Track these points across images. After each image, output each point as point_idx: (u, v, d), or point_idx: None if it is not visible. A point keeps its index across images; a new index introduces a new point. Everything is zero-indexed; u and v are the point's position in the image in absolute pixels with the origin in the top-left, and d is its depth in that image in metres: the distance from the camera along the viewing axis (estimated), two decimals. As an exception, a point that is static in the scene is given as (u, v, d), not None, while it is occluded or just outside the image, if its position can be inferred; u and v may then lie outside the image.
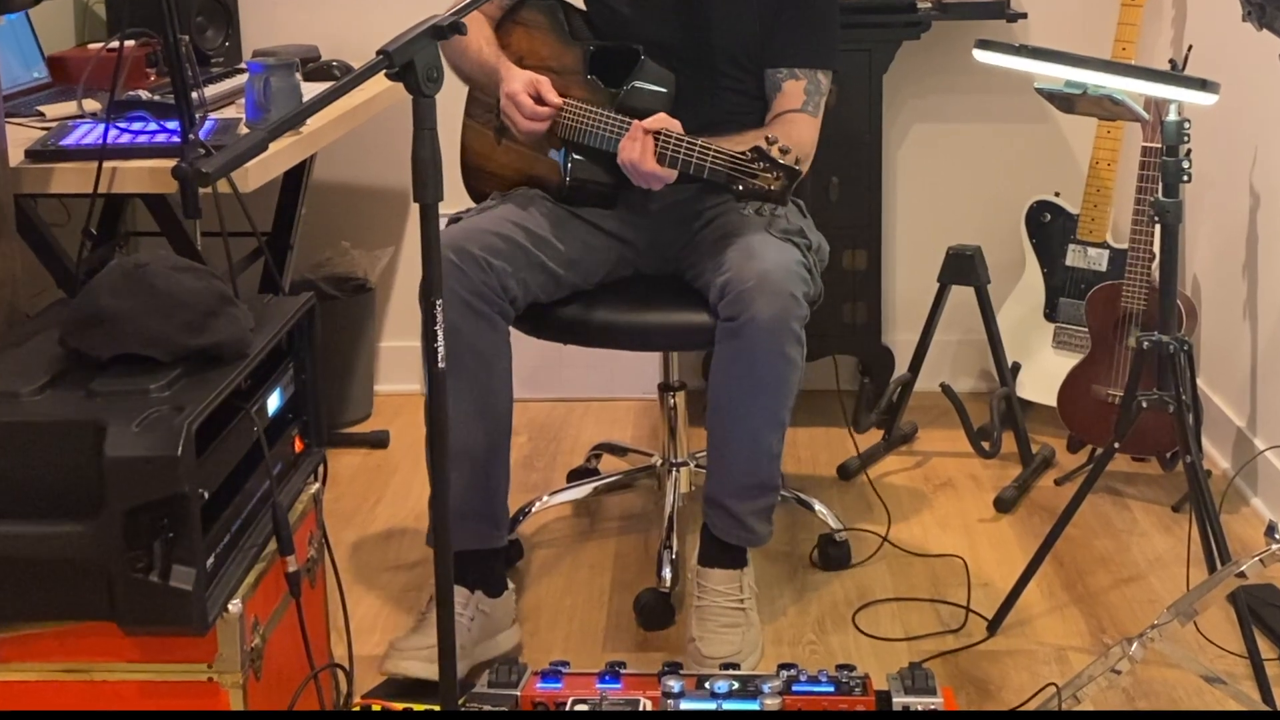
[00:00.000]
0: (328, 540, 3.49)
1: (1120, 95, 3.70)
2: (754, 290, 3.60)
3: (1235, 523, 4.45)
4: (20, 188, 3.56)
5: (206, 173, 2.40)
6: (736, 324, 3.62)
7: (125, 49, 3.66)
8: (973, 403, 5.30)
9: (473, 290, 3.68)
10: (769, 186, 3.46)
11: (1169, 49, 5.26)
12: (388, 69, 2.50)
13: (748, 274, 3.63)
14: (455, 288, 3.65)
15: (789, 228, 3.88)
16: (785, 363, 3.66)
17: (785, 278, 3.64)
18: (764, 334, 3.61)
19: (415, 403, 5.59)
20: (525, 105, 3.87)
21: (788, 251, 3.75)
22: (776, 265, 3.66)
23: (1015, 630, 3.91)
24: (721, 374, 3.73)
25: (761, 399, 3.70)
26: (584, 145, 3.92)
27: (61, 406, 2.78)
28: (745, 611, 3.80)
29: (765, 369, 3.66)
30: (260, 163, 3.63)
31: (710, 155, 3.54)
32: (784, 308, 3.61)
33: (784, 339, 3.63)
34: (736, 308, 3.62)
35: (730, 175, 3.50)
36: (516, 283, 3.75)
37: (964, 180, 5.59)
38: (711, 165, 3.54)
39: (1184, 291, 4.99)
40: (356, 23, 5.48)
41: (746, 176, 3.47)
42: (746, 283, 3.62)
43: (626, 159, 3.67)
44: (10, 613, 2.79)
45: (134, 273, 2.99)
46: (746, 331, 3.61)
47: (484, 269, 3.69)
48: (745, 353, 3.65)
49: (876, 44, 5.08)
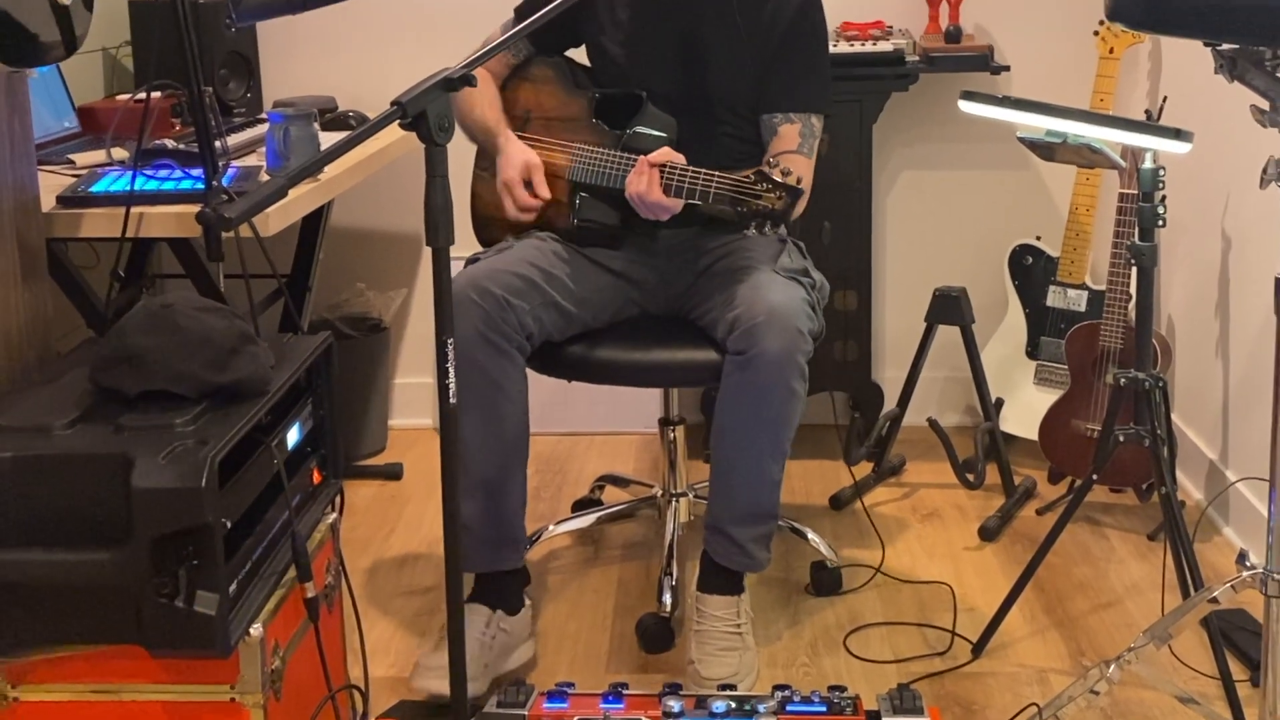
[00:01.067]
0: (344, 567, 3.49)
1: (1098, 144, 3.71)
2: (764, 325, 3.62)
3: (1208, 551, 4.44)
4: (52, 232, 3.56)
5: (229, 218, 2.41)
6: (746, 357, 3.63)
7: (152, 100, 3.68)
8: (958, 436, 5.32)
9: (492, 327, 3.69)
10: (772, 206, 3.46)
11: (1145, 100, 5.27)
12: (401, 119, 2.51)
13: (758, 310, 3.65)
14: (476, 324, 3.67)
15: (793, 267, 3.90)
16: (790, 395, 3.67)
17: (792, 314, 3.66)
18: (772, 367, 3.62)
19: (428, 436, 5.62)
20: (520, 198, 3.94)
21: (794, 289, 3.77)
22: (784, 302, 3.68)
23: (999, 653, 3.91)
24: (729, 405, 3.73)
25: (767, 429, 3.71)
26: (591, 185, 3.94)
27: (91, 440, 2.79)
28: (742, 635, 3.80)
29: (772, 400, 3.67)
30: (280, 208, 3.64)
31: (715, 180, 3.56)
32: (791, 342, 3.63)
33: (790, 372, 3.64)
34: (746, 342, 3.63)
35: (734, 197, 3.50)
36: (533, 320, 3.77)
37: (950, 225, 5.60)
38: (716, 190, 3.55)
39: (1159, 331, 5.00)
40: (371, 75, 5.50)
41: (750, 197, 3.48)
42: (756, 318, 3.63)
43: (634, 191, 3.68)
44: (43, 636, 2.79)
45: (160, 313, 3.00)
46: (756, 364, 3.62)
47: (503, 306, 3.70)
48: (753, 385, 3.66)
49: (867, 95, 5.09)
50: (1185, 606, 3.34)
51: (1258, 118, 2.91)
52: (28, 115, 3.38)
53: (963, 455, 5.13)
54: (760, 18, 4.00)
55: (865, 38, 5.04)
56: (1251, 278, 4.42)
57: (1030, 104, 3.62)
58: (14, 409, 2.93)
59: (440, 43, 5.14)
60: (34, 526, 2.74)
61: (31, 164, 3.41)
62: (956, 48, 5.12)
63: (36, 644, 2.81)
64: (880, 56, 5.03)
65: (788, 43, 4.01)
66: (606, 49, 4.17)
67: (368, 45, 5.53)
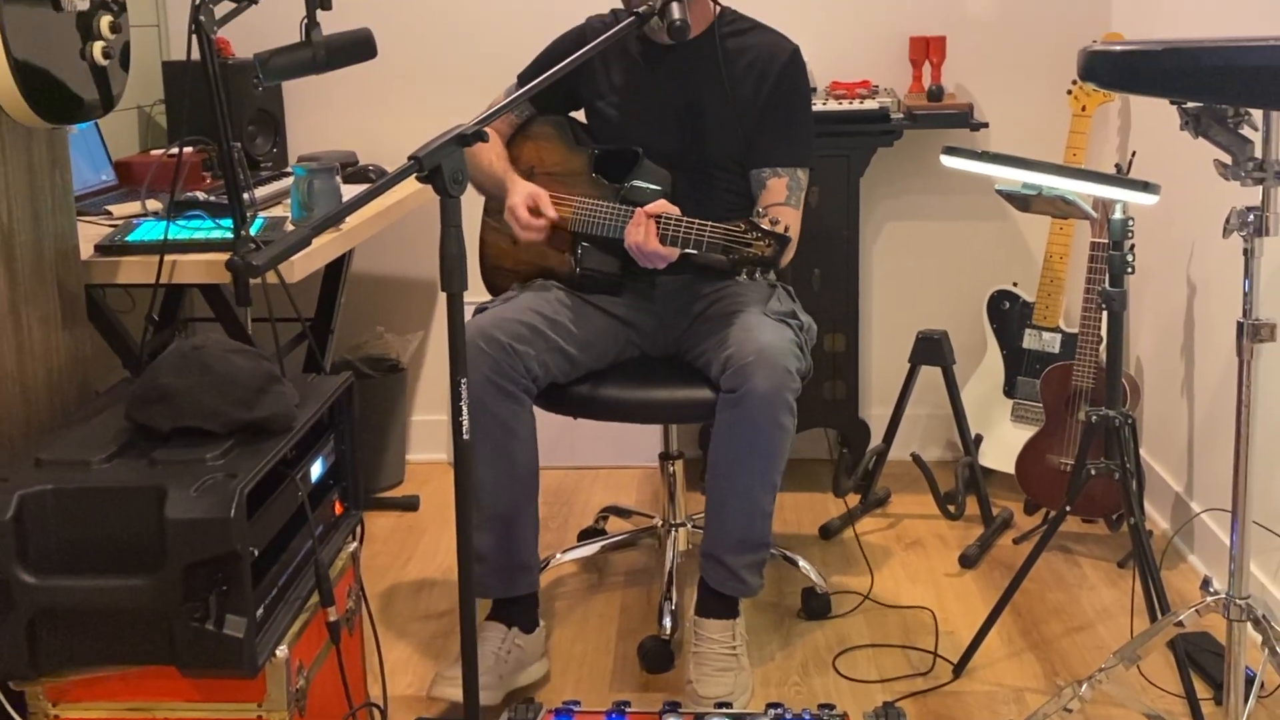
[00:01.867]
0: (364, 593, 3.49)
1: (1072, 196, 3.72)
2: (754, 365, 3.63)
3: (1174, 578, 4.44)
4: (90, 279, 3.57)
5: (256, 265, 2.42)
6: (737, 395, 3.64)
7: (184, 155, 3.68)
8: (940, 470, 5.34)
9: (499, 372, 3.71)
10: (761, 253, 3.48)
11: (1115, 154, 5.29)
12: (418, 173, 2.52)
13: (748, 350, 3.66)
14: (484, 370, 3.69)
15: (782, 310, 3.91)
16: (779, 430, 3.68)
17: (781, 354, 3.67)
18: (762, 404, 3.63)
19: (443, 470, 5.62)
20: (522, 218, 3.94)
21: (782, 331, 3.78)
22: (773, 343, 3.69)
23: (978, 673, 3.90)
24: (722, 440, 3.74)
25: (758, 462, 3.71)
26: (592, 235, 3.96)
27: (127, 474, 2.80)
28: (737, 657, 3.80)
29: (762, 435, 3.68)
30: (304, 256, 3.64)
31: (708, 230, 3.57)
32: (779, 381, 3.64)
33: (779, 409, 3.65)
34: (737, 380, 3.64)
35: (726, 245, 3.52)
36: (538, 364, 3.78)
37: (932, 272, 5.61)
38: (709, 239, 3.56)
39: (1128, 371, 5.00)
40: (390, 131, 5.51)
41: (741, 245, 3.49)
42: (747, 358, 3.64)
43: (633, 242, 3.69)
44: (82, 657, 2.79)
45: (191, 354, 3.01)
46: (746, 401, 3.63)
47: (510, 353, 3.72)
48: (744, 420, 3.67)
49: (854, 150, 5.10)
50: (1153, 630, 3.35)
51: (1221, 171, 2.92)
52: (68, 169, 3.40)
53: (944, 488, 5.15)
54: (747, 80, 4.03)
55: (853, 96, 5.05)
56: (1215, 322, 4.43)
57: (1008, 158, 3.63)
58: (55, 444, 2.95)
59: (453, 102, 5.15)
60: (74, 554, 2.74)
61: (71, 215, 3.43)
62: (938, 106, 5.13)
63: (76, 664, 2.81)
64: (867, 114, 5.04)
65: (773, 102, 4.03)
66: (603, 110, 4.19)
67: (386, 104, 5.54)
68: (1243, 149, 2.89)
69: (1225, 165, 2.91)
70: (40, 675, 2.81)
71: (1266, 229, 2.89)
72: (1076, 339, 4.70)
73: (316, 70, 3.67)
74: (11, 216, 3.14)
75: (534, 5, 5.35)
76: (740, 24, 4.10)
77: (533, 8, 5.33)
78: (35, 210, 3.24)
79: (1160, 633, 3.32)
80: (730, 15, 4.10)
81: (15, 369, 3.16)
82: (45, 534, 2.74)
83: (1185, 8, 4.57)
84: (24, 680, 2.82)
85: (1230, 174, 2.90)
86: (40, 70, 2.92)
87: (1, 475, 2.80)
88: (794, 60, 4.06)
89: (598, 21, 4.23)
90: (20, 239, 3.18)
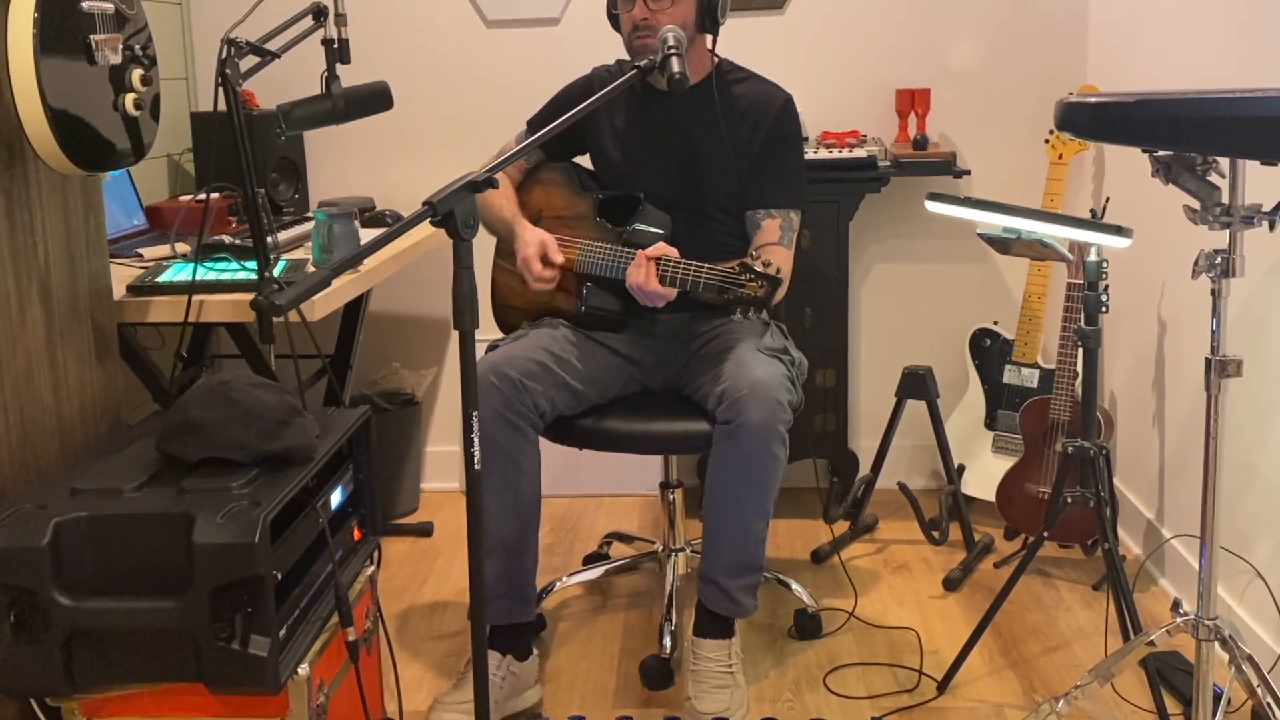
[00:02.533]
0: (381, 614, 3.49)
1: (1049, 239, 3.73)
2: (748, 398, 3.64)
3: (1146, 600, 4.44)
4: (123, 317, 3.58)
5: (279, 305, 2.42)
6: (732, 426, 3.65)
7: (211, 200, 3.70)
8: (925, 498, 5.35)
9: (509, 407, 3.72)
10: (754, 293, 3.51)
11: (1090, 200, 5.30)
12: (432, 217, 2.52)
13: (742, 384, 3.67)
14: (495, 405, 3.70)
15: (774, 346, 3.93)
16: (772, 460, 3.68)
17: (773, 387, 3.67)
18: (755, 435, 3.64)
19: (455, 498, 5.62)
20: (536, 271, 3.96)
21: (775, 366, 3.79)
22: (766, 377, 3.69)
23: (961, 690, 3.90)
24: (717, 469, 3.74)
25: (752, 491, 3.72)
26: (596, 276, 3.98)
27: (157, 501, 2.81)
28: (733, 674, 3.80)
29: (755, 465, 3.68)
30: (324, 296, 3.65)
31: (704, 271, 3.60)
32: (772, 413, 3.64)
33: (771, 439, 3.66)
34: (732, 412, 3.65)
35: (721, 286, 3.55)
36: (545, 400, 3.79)
37: (917, 311, 5.61)
38: (705, 280, 3.59)
39: (1103, 405, 5.00)
40: (405, 178, 5.53)
41: (735, 286, 3.53)
42: (741, 391, 3.65)
43: (634, 282, 3.72)
44: (115, 675, 2.80)
45: (218, 389, 3.02)
46: (741, 433, 3.64)
47: (519, 389, 3.73)
48: (739, 451, 3.67)
49: (843, 196, 5.11)
50: (1126, 649, 3.35)
51: (1190, 216, 2.93)
52: (101, 214, 3.42)
53: (929, 515, 5.15)
54: (743, 126, 4.04)
55: (842, 145, 5.06)
56: (1184, 358, 4.44)
57: (989, 204, 3.64)
58: (89, 474, 2.96)
59: (464, 151, 5.19)
60: (107, 577, 2.76)
61: (105, 257, 3.44)
62: (923, 154, 5.14)
63: (109, 682, 2.81)
64: (855, 162, 5.05)
65: (768, 147, 4.05)
66: (607, 154, 4.21)
67: (401, 152, 5.56)
68: (1211, 195, 2.90)
69: (1194, 210, 2.92)
70: (76, 692, 2.82)
71: (1233, 271, 2.90)
72: (1054, 374, 4.71)
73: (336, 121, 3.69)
74: (48, 259, 3.16)
75: (541, 58, 5.38)
76: (737, 74, 4.12)
77: (540, 61, 5.36)
78: (71, 253, 3.26)
79: (1133, 652, 3.33)
80: (728, 66, 4.12)
81: (52, 403, 3.18)
82: (80, 558, 2.75)
83: (1156, 62, 4.58)
84: (60, 696, 2.83)
85: (1199, 219, 2.91)
86: (75, 121, 2.94)
87: (39, 503, 2.81)
88: (787, 108, 4.08)
89: (604, 71, 4.25)
90: (56, 280, 3.19)
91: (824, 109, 5.38)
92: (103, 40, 2.99)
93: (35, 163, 3.09)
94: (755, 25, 5.36)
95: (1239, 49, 3.93)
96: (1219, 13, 4.05)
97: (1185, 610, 3.18)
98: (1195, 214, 2.92)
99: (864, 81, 5.41)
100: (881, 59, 5.40)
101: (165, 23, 5.33)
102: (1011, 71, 5.38)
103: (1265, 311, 3.76)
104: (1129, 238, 3.40)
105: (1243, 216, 2.86)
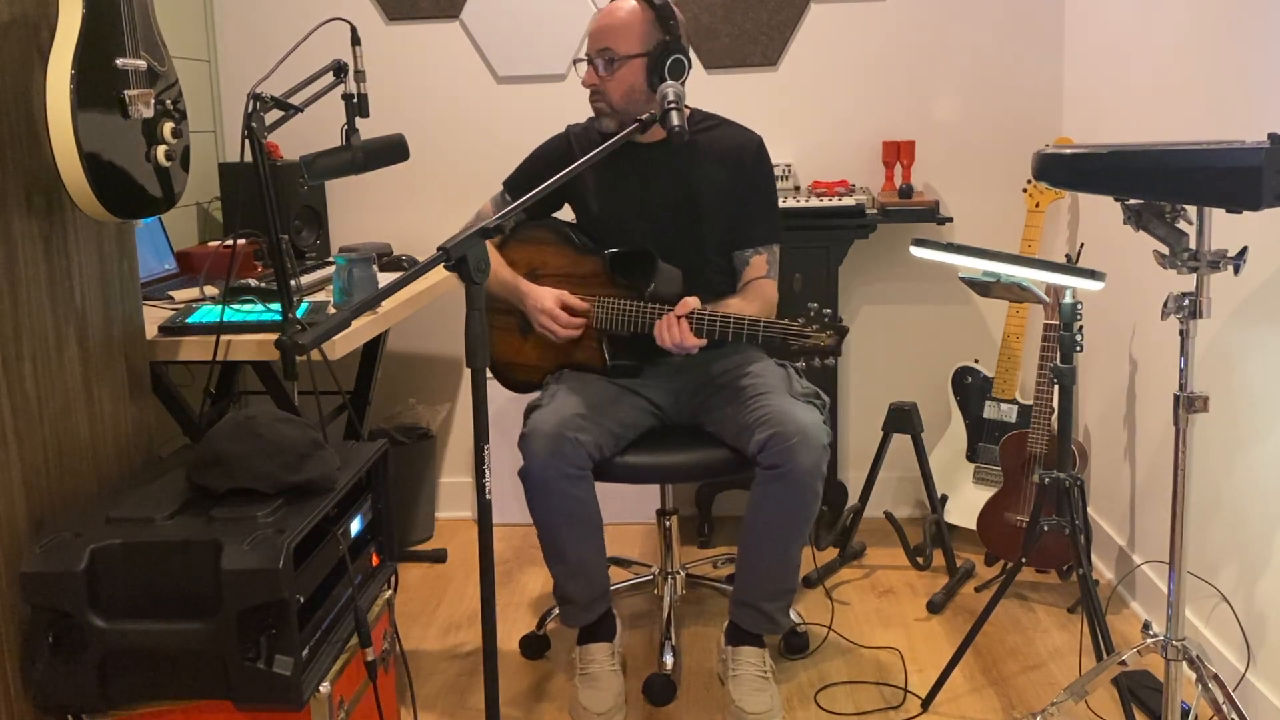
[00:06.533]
0: (398, 635, 3.49)
1: (1027, 283, 3.73)
2: (798, 445, 3.67)
3: (1118, 622, 4.43)
4: (154, 356, 3.59)
5: (302, 344, 2.42)
6: (780, 471, 3.69)
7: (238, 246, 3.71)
8: (910, 526, 5.35)
9: (571, 464, 3.77)
10: (823, 343, 3.58)
11: (1066, 245, 5.30)
12: (445, 262, 2.52)
13: (791, 432, 3.70)
14: (559, 465, 3.76)
15: (806, 391, 3.96)
16: (814, 496, 3.73)
17: (818, 434, 3.72)
18: (805, 477, 3.68)
19: (468, 526, 5.62)
20: (563, 319, 4.02)
21: (813, 412, 3.81)
22: (811, 424, 3.73)
23: (943, 707, 3.89)
24: (763, 506, 3.77)
25: (794, 524, 3.76)
26: (618, 332, 3.99)
27: (187, 529, 2.81)
28: (768, 678, 3.85)
29: (802, 503, 3.73)
30: (345, 336, 3.66)
31: (762, 326, 3.66)
32: (818, 457, 3.70)
33: (816, 479, 3.71)
34: (781, 459, 3.68)
35: (785, 339, 3.61)
36: (594, 447, 3.83)
37: (903, 350, 5.61)
38: (765, 334, 3.65)
39: (1078, 438, 5.00)
40: (421, 224, 5.54)
41: (800, 338, 3.59)
42: (790, 439, 3.68)
43: (670, 341, 3.75)
44: (147, 693, 2.81)
45: (244, 423, 3.02)
46: (790, 477, 3.68)
47: (575, 445, 3.78)
48: (788, 493, 3.71)
49: (833, 242, 5.11)
50: (1099, 668, 3.35)
51: (1159, 261, 2.93)
52: (134, 258, 3.43)
53: (914, 542, 5.15)
54: (723, 170, 4.07)
55: (832, 194, 5.07)
56: (1154, 395, 4.44)
57: (970, 249, 3.65)
58: (123, 503, 2.96)
59: (477, 201, 5.19)
60: (140, 601, 2.76)
61: (137, 299, 3.45)
62: (908, 202, 5.15)
63: (142, 699, 2.82)
64: (844, 210, 5.05)
65: (751, 190, 4.10)
66: (590, 209, 4.21)
67: (417, 201, 5.57)
68: (1179, 241, 2.91)
69: (1163, 255, 2.92)
70: (110, 709, 2.82)
71: (1200, 312, 2.91)
72: (1031, 409, 4.71)
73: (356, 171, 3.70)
74: (84, 301, 3.17)
75: (548, 112, 5.39)
76: (709, 121, 4.14)
77: (547, 115, 5.36)
78: (105, 295, 3.27)
79: (1105, 671, 3.33)
80: (699, 115, 4.15)
81: (88, 437, 3.18)
82: (115, 583, 2.76)
83: (1128, 116, 4.60)
84: (96, 713, 2.83)
85: (1168, 263, 2.92)
86: (110, 171, 2.95)
87: (75, 531, 2.82)
88: (761, 150, 4.12)
89: (578, 128, 4.25)
90: (92, 321, 3.20)
91: (815, 160, 5.40)
92: (136, 95, 3.00)
93: (72, 210, 3.10)
94: (751, 81, 5.38)
95: (1204, 104, 3.95)
96: (1186, 70, 4.06)
97: (1155, 632, 3.18)
98: (1164, 259, 2.93)
99: (852, 134, 5.42)
100: (869, 113, 5.41)
101: (195, 78, 5.35)
102: (991, 125, 5.39)
103: (1230, 350, 3.76)
104: (1102, 281, 3.40)
105: (1209, 261, 2.87)
